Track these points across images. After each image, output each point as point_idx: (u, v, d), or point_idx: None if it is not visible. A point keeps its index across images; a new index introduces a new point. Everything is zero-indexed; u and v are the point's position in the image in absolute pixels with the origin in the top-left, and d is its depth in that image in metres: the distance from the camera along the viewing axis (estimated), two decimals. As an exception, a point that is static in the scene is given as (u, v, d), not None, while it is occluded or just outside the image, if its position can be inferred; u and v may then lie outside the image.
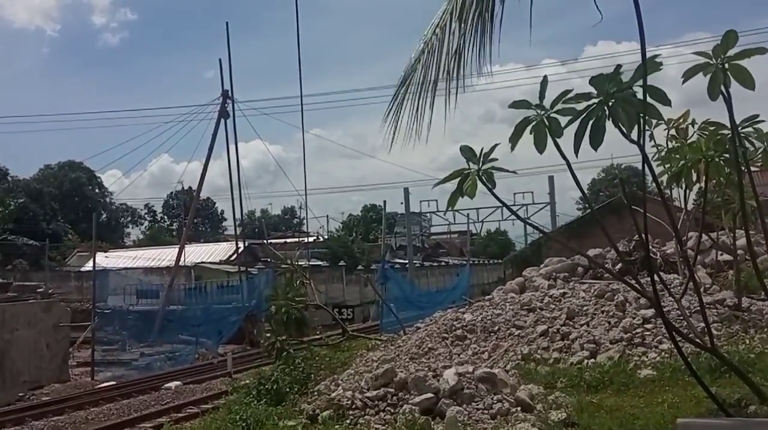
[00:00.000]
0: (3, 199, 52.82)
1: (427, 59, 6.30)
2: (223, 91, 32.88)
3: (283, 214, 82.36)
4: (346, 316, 27.57)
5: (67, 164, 65.98)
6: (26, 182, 60.53)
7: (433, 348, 10.98)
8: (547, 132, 5.07)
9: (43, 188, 59.15)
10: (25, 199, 53.67)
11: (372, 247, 54.55)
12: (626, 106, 4.83)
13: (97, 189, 68.55)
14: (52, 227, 53.90)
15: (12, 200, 52.69)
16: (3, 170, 61.99)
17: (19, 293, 25.14)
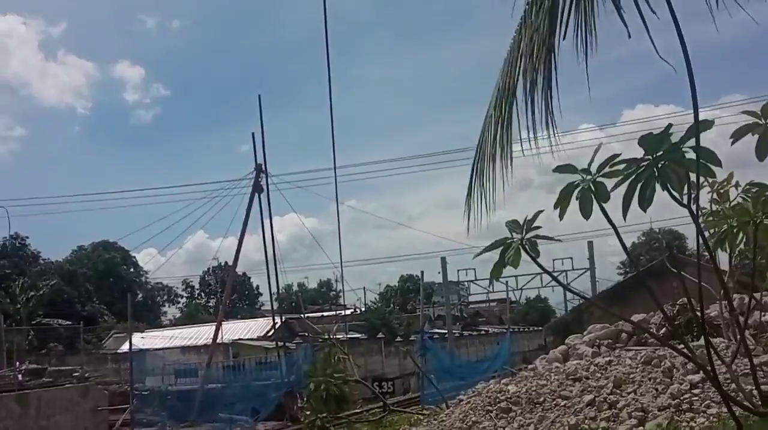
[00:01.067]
0: (35, 282, 54.05)
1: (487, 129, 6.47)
2: (257, 165, 33.51)
3: (319, 287, 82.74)
4: (387, 389, 27.41)
5: (101, 245, 67.49)
6: (59, 264, 61.88)
7: (478, 422, 10.97)
8: (593, 197, 5.08)
9: (77, 270, 60.44)
10: (59, 282, 54.80)
11: (410, 317, 54.36)
12: (677, 167, 4.81)
13: (132, 268, 69.80)
14: (88, 309, 54.90)
15: (44, 283, 53.87)
16: (35, 253, 63.52)
17: (55, 378, 25.54)
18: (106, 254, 66.31)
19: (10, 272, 57.13)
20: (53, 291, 53.11)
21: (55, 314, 50.01)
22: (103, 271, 64.60)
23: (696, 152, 4.71)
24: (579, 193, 5.00)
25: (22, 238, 62.21)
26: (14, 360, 28.83)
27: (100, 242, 68.00)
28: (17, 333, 38.97)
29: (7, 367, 27.17)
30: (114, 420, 25.82)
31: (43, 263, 62.58)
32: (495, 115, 6.45)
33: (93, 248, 67.74)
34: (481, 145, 6.51)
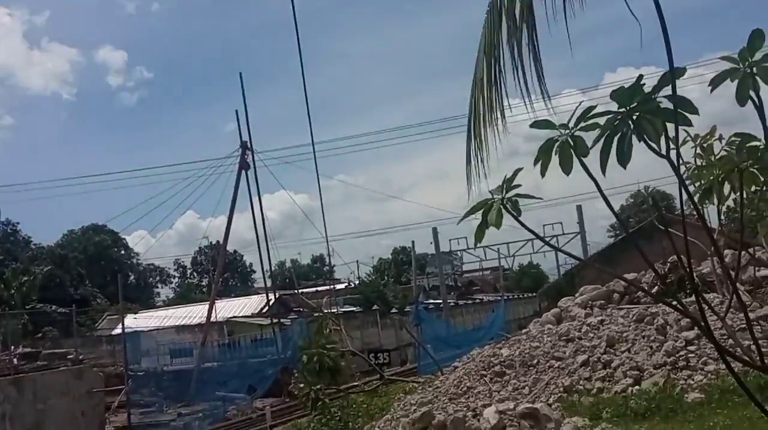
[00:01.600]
0: (28, 267, 53.86)
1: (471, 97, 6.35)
2: (242, 142, 33.41)
3: (312, 262, 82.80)
4: (383, 360, 27.47)
5: (91, 228, 67.27)
6: (50, 249, 61.73)
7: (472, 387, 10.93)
8: (573, 152, 5.00)
9: (68, 254, 60.27)
10: (51, 266, 54.67)
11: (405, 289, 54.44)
12: (652, 118, 4.74)
13: (123, 250, 69.64)
14: (80, 292, 54.80)
15: (37, 268, 53.71)
16: (26, 239, 63.40)
17: (49, 361, 25.45)
18: (96, 236, 66.08)
19: (2, 257, 56.99)
20: (46, 275, 52.99)
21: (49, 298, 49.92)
22: (93, 254, 64.44)
23: (672, 101, 4.63)
24: (558, 148, 4.95)
25: (13, 224, 62.10)
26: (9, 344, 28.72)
27: (90, 225, 67.80)
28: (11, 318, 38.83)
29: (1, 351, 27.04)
30: (110, 402, 25.79)
31: (35, 248, 62.45)
32: (481, 78, 6.32)
33: (83, 232, 67.52)
34: (473, 109, 6.39)
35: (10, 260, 56.84)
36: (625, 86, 4.87)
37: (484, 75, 6.32)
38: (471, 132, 6.45)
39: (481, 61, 6.41)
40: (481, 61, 6.41)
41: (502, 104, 6.02)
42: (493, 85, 6.21)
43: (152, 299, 71.73)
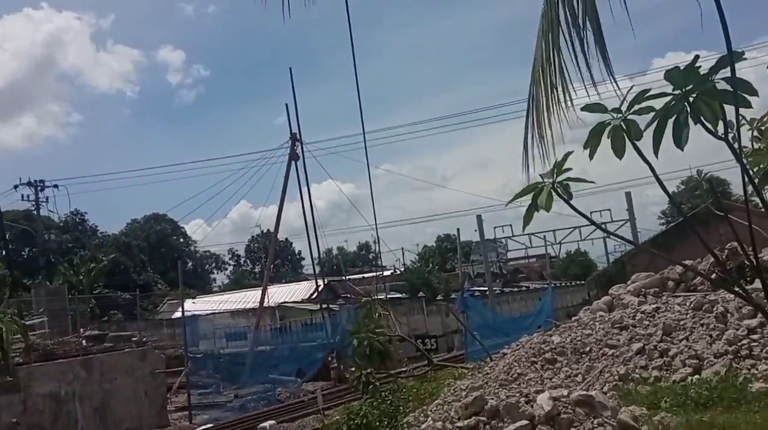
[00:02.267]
0: (95, 255, 55.13)
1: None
2: (291, 134, 33.56)
3: (359, 250, 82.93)
4: (430, 346, 27.14)
5: (152, 217, 68.53)
6: (115, 237, 63.07)
7: (523, 373, 10.55)
8: (625, 136, 4.66)
9: (131, 242, 61.50)
10: (116, 254, 55.85)
11: (449, 276, 54.01)
12: (709, 99, 4.36)
13: (182, 239, 70.78)
14: (143, 278, 55.88)
15: (103, 255, 54.93)
16: (93, 228, 64.89)
17: (115, 343, 25.92)
18: (157, 225, 67.26)
19: (72, 245, 58.44)
20: (111, 262, 54.14)
21: (114, 284, 51.01)
22: (155, 242, 65.61)
23: (731, 82, 4.24)
24: (610, 132, 4.60)
25: (81, 214, 63.62)
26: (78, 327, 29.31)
27: (151, 214, 69.09)
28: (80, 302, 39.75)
29: (72, 333, 27.60)
30: (171, 382, 26.15)
31: (101, 236, 63.88)
32: (540, 62, 5.96)
33: (145, 221, 68.79)
34: (533, 95, 6.05)
35: (78, 248, 58.29)
36: (680, 67, 4.48)
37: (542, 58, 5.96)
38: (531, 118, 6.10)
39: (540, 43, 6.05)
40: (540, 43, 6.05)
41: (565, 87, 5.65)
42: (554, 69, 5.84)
43: (209, 285, 72.84)
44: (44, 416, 19.83)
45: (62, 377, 20.72)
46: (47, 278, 44.52)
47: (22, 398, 19.34)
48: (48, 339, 25.37)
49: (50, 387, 20.24)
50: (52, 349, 23.67)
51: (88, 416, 21.03)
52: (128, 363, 23.39)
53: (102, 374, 22.04)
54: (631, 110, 4.64)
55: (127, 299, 47.43)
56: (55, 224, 57.80)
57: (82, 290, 45.85)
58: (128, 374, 22.97)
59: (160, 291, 54.74)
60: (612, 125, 4.65)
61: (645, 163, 5.02)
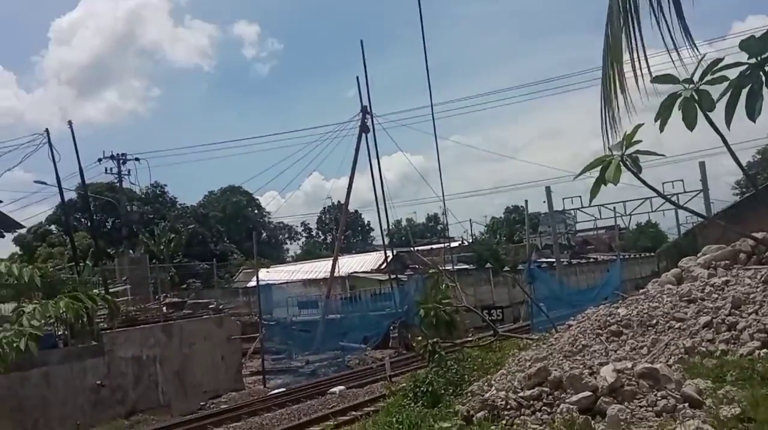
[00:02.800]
0: (174, 225, 57.14)
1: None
2: (362, 107, 33.72)
3: (427, 221, 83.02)
4: (496, 317, 27.11)
5: (229, 189, 70.29)
6: (193, 209, 65.08)
7: (588, 345, 10.42)
8: (697, 107, 4.47)
9: (209, 213, 63.39)
10: (194, 225, 57.72)
11: (517, 248, 53.55)
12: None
13: (256, 210, 72.43)
14: (219, 248, 57.63)
15: (182, 226, 56.87)
16: (173, 199, 67.13)
17: (194, 310, 26.96)
18: (233, 197, 68.96)
19: (152, 217, 60.72)
20: (189, 233, 56.02)
21: (192, 253, 52.80)
22: (231, 213, 67.35)
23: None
24: (681, 103, 4.40)
25: (161, 186, 65.90)
26: (159, 294, 30.57)
27: (228, 186, 70.85)
28: (161, 271, 41.40)
29: (153, 300, 28.82)
30: (246, 348, 27.07)
31: (180, 208, 66.00)
32: (614, 30, 5.79)
33: (222, 193, 70.62)
34: (607, 68, 5.87)
35: (158, 219, 60.53)
36: (755, 36, 4.24)
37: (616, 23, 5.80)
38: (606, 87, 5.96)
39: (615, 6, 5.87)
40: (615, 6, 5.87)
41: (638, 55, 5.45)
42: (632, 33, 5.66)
43: (282, 255, 74.45)
44: (127, 379, 20.85)
45: (144, 342, 21.72)
46: (130, 248, 46.48)
47: (107, 362, 20.35)
48: (130, 306, 26.63)
49: (133, 351, 21.23)
50: (134, 315, 24.85)
51: (168, 379, 22.02)
52: (206, 329, 24.32)
53: (181, 340, 22.98)
54: (703, 80, 4.45)
55: (204, 268, 49.10)
56: (137, 196, 60.03)
57: (162, 259, 47.74)
58: (206, 340, 23.88)
59: (235, 260, 56.33)
60: (683, 97, 4.46)
61: (717, 134, 4.86)
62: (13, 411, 17.44)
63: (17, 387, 17.84)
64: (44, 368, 18.64)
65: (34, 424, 17.61)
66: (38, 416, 18.10)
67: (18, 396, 17.81)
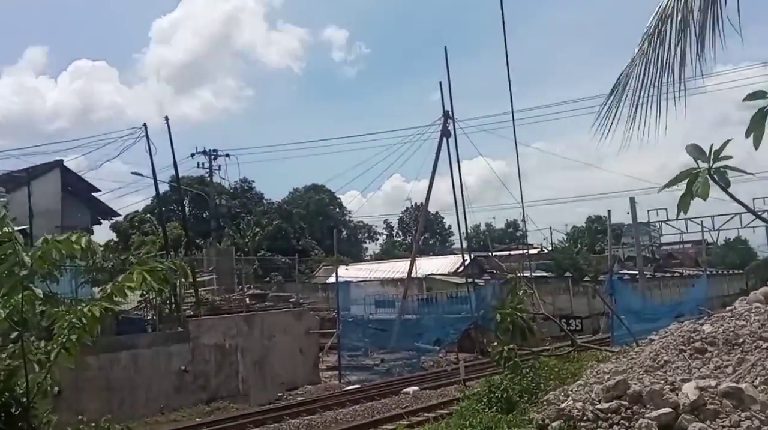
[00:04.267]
0: (260, 220, 58.67)
1: (648, 59, 5.80)
2: (444, 111, 33.74)
3: (506, 227, 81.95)
4: (575, 327, 26.57)
5: (312, 187, 71.57)
6: (279, 205, 66.60)
7: (670, 361, 10.10)
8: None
9: (293, 209, 64.70)
10: (278, 220, 59.09)
11: (598, 258, 52.10)
12: None
13: (338, 209, 73.45)
14: (301, 243, 58.71)
15: (267, 221, 58.34)
16: (259, 195, 68.91)
17: (275, 303, 27.61)
18: (317, 195, 70.15)
19: (239, 211, 62.57)
20: (274, 228, 57.36)
21: (275, 248, 54.01)
22: (313, 211, 68.52)
23: None
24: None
25: (249, 182, 67.75)
26: (242, 286, 31.45)
27: (311, 184, 72.11)
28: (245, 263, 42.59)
29: (236, 291, 29.69)
30: (323, 343, 27.54)
31: (266, 203, 67.60)
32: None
33: (306, 190, 71.95)
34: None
35: (245, 213, 62.32)
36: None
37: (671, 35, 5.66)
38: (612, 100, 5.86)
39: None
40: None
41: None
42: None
43: (361, 254, 75.15)
44: (210, 366, 21.53)
45: (227, 331, 22.41)
46: (217, 240, 48.06)
47: (191, 348, 21.09)
48: (216, 295, 27.54)
49: (216, 339, 21.93)
50: (219, 304, 25.69)
51: (248, 367, 22.66)
52: (286, 322, 24.88)
53: (262, 331, 23.59)
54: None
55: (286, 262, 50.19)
56: (226, 191, 61.90)
57: (247, 252, 49.13)
58: (285, 332, 24.43)
59: (316, 257, 57.25)
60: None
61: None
62: (101, 391, 18.13)
63: (107, 368, 18.64)
64: (133, 351, 19.48)
65: (121, 404, 18.33)
66: (125, 397, 18.82)
67: (107, 377, 18.53)
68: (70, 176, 34.44)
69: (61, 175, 33.73)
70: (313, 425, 16.38)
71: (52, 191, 32.34)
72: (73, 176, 34.68)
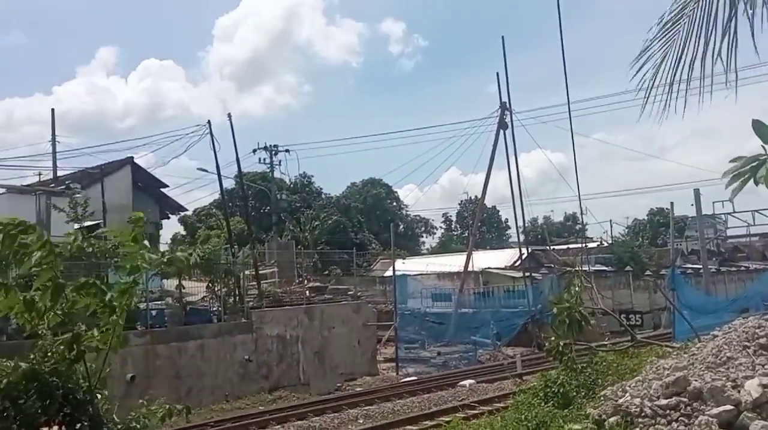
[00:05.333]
0: (318, 214, 59.40)
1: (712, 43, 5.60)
2: (501, 103, 33.42)
3: (565, 220, 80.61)
4: (635, 322, 25.94)
5: (369, 181, 71.93)
6: (337, 199, 67.25)
7: (733, 357, 9.79)
8: None
9: (351, 204, 65.22)
10: (337, 214, 59.68)
11: (660, 251, 50.68)
12: None
13: (395, 202, 73.63)
14: (359, 237, 59.13)
15: (325, 215, 59.00)
16: (318, 190, 69.71)
17: (334, 295, 27.96)
18: (374, 189, 70.48)
19: (299, 205, 63.46)
20: (332, 222, 57.98)
21: (334, 241, 54.58)
22: (371, 204, 68.89)
23: None
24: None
25: (308, 177, 68.64)
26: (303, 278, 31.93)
27: (369, 178, 72.50)
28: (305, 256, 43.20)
29: (297, 284, 30.17)
30: (381, 335, 27.77)
31: (325, 198, 68.35)
32: None
33: (363, 184, 72.38)
34: None
35: (304, 208, 63.18)
36: None
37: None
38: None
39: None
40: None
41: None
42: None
43: (417, 247, 75.18)
44: (272, 356, 22.04)
45: (288, 322, 22.88)
46: (278, 234, 48.90)
47: (254, 338, 21.63)
48: (277, 287, 28.08)
49: (278, 330, 22.42)
50: (280, 296, 26.20)
51: (308, 358, 23.07)
52: (344, 314, 25.20)
53: (321, 322, 23.97)
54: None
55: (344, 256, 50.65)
56: (286, 186, 62.92)
57: (306, 246, 49.82)
58: (344, 324, 24.75)
59: (373, 250, 57.58)
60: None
61: None
62: (171, 378, 18.93)
63: (176, 357, 19.39)
64: (200, 341, 20.15)
65: (189, 391, 19.01)
66: (192, 384, 19.53)
67: (176, 365, 19.33)
68: (140, 173, 35.70)
69: (131, 172, 34.98)
70: (371, 415, 16.55)
71: (123, 187, 33.60)
72: (143, 173, 35.93)
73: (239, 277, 23.57)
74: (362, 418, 16.32)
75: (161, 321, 20.40)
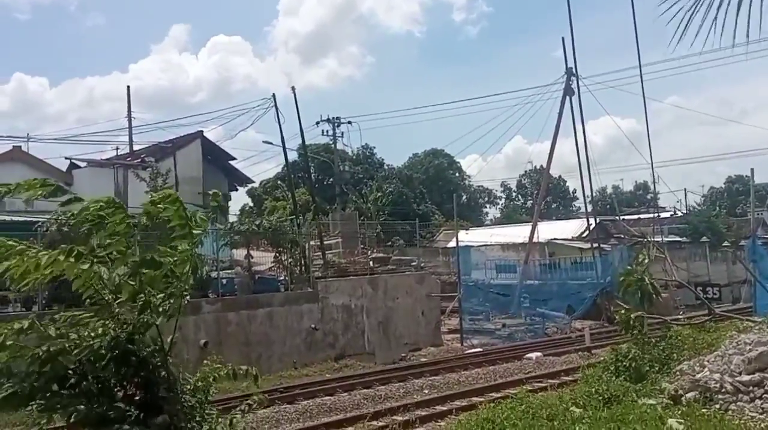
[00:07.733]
0: (381, 185, 59.52)
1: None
2: (567, 68, 32.52)
3: (635, 189, 78.29)
4: (712, 295, 25.12)
5: (431, 152, 71.46)
6: (399, 170, 67.19)
7: (820, 333, 9.37)
8: None
9: (413, 174, 65.03)
10: (398, 185, 59.67)
11: (739, 221, 48.72)
12: None
13: (457, 173, 73.04)
14: (422, 208, 59.02)
15: (388, 186, 59.08)
16: (380, 161, 69.76)
17: (397, 266, 28.05)
18: (436, 160, 70.03)
19: (362, 176, 63.76)
20: (395, 193, 58.06)
21: (396, 212, 54.72)
22: (433, 175, 68.54)
23: None
24: None
25: (370, 148, 68.75)
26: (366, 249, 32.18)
27: (431, 149, 72.01)
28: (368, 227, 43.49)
29: (360, 254, 30.43)
30: (444, 306, 27.77)
31: (387, 169, 68.38)
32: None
33: (425, 155, 72.01)
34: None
35: (367, 179, 63.41)
36: None
37: None
38: None
39: None
40: None
41: None
42: None
43: (481, 218, 74.53)
44: (337, 325, 22.40)
45: (353, 292, 23.15)
46: (341, 205, 49.34)
47: (320, 307, 22.01)
48: (341, 258, 28.38)
49: (343, 300, 22.73)
50: (345, 266, 26.47)
51: (373, 327, 23.33)
52: (408, 284, 25.29)
53: (385, 293, 24.16)
54: None
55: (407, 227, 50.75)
56: (349, 157, 63.15)
57: (369, 217, 50.14)
58: (408, 295, 24.86)
59: (436, 221, 57.46)
60: None
61: None
62: (241, 345, 19.55)
63: (245, 324, 19.98)
64: (268, 309, 20.67)
65: (258, 358, 19.54)
66: (261, 351, 20.10)
67: (246, 332, 19.94)
68: (209, 146, 36.56)
69: (201, 145, 35.86)
70: (436, 386, 16.64)
71: (194, 160, 34.54)
72: (212, 146, 36.78)
73: (304, 247, 23.91)
74: (427, 388, 16.43)
75: (231, 289, 20.98)
